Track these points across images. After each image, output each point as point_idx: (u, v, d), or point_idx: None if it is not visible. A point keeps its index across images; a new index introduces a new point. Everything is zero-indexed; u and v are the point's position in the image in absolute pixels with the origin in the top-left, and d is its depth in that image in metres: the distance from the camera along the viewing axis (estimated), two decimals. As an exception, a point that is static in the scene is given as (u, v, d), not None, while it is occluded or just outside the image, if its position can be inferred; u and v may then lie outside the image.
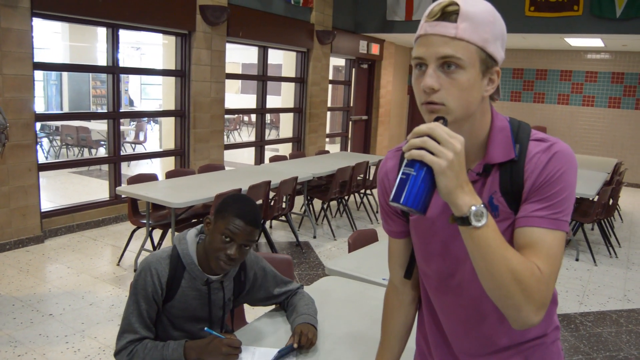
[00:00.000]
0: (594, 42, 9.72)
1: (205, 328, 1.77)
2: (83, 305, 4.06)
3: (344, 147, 11.37)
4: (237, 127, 15.84)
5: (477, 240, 1.02)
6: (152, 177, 5.08)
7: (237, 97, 18.27)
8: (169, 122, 7.43)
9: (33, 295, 4.19)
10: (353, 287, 2.49)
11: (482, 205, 1.01)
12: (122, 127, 11.36)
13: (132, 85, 19.19)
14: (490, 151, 1.16)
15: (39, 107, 12.54)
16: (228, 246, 1.80)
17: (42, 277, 4.56)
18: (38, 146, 10.60)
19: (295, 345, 1.82)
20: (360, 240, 3.13)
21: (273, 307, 2.25)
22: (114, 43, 6.13)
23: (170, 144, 7.33)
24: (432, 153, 0.99)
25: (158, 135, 12.93)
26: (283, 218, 5.82)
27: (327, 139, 10.48)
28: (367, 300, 2.32)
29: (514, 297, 1.03)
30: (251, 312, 3.59)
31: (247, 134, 16.12)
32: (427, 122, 1.06)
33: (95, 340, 3.52)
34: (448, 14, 1.06)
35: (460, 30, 1.06)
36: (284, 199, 5.56)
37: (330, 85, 10.17)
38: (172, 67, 7.01)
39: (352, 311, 2.22)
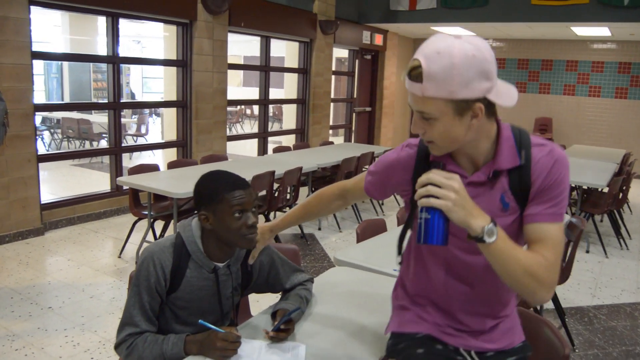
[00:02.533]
0: (601, 31, 9.57)
1: (200, 320, 1.64)
2: (83, 298, 3.96)
3: (347, 139, 11.26)
4: (240, 119, 15.72)
5: (492, 251, 1.25)
6: (153, 168, 4.97)
7: (240, 89, 18.14)
8: (171, 113, 7.32)
9: (32, 288, 4.09)
10: (362, 277, 2.38)
11: (491, 224, 1.24)
12: (123, 120, 11.29)
13: (134, 78, 19.07)
14: (499, 159, 1.36)
15: (40, 99, 12.45)
16: (244, 218, 1.71)
17: (41, 270, 4.47)
18: (40, 139, 10.55)
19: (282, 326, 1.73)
20: (369, 230, 3.03)
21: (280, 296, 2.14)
22: (113, 32, 6.01)
23: (172, 136, 7.23)
24: (437, 197, 1.23)
25: (160, 128, 12.82)
26: (287, 209, 5.72)
27: (331, 131, 10.36)
28: (378, 291, 2.21)
29: (530, 286, 1.28)
30: (256, 305, 3.50)
31: (250, 127, 15.99)
32: (430, 152, 1.40)
33: (95, 334, 3.43)
34: (414, 77, 1.25)
35: (425, 89, 1.24)
36: (289, 190, 5.45)
37: (333, 77, 10.04)
38: (174, 58, 6.89)
39: (362, 302, 2.11)
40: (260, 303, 3.64)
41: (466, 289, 1.51)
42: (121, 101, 6.28)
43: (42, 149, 10.18)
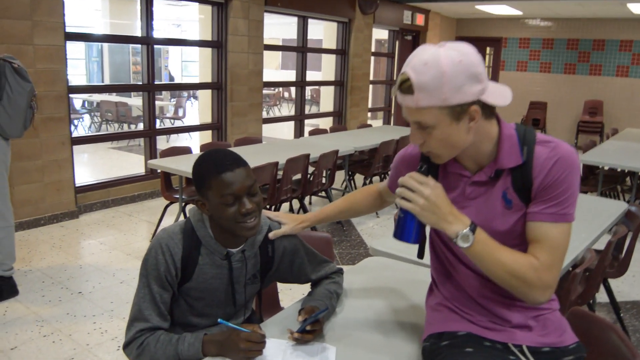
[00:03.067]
0: (661, 7, 8.97)
1: (219, 320, 1.47)
2: (113, 283, 3.89)
3: (387, 122, 10.97)
4: (277, 103, 15.58)
5: (471, 254, 1.31)
6: (185, 150, 4.86)
7: (277, 73, 18.01)
8: (206, 96, 7.21)
9: (64, 271, 4.04)
10: (400, 269, 2.18)
11: (467, 230, 1.28)
12: (162, 103, 11.29)
13: (173, 62, 19.15)
14: (501, 158, 1.35)
15: (81, 82, 12.58)
16: (238, 205, 1.51)
17: (74, 253, 4.42)
18: (80, 122, 10.64)
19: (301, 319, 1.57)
20: (408, 217, 2.81)
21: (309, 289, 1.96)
22: (148, 14, 5.90)
23: (207, 118, 7.12)
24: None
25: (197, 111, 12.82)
26: (323, 194, 5.54)
27: (369, 114, 10.10)
28: (417, 285, 2.01)
29: (518, 288, 1.31)
30: (288, 293, 3.34)
31: (288, 110, 15.84)
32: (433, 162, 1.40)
33: (123, 321, 3.31)
34: (405, 89, 1.26)
35: (418, 100, 1.25)
36: (324, 174, 5.26)
37: (372, 58, 9.74)
38: (209, 39, 6.75)
39: (400, 297, 1.91)
40: (293, 291, 3.49)
41: (480, 278, 1.46)
42: (155, 83, 6.19)
43: (83, 133, 10.28)
